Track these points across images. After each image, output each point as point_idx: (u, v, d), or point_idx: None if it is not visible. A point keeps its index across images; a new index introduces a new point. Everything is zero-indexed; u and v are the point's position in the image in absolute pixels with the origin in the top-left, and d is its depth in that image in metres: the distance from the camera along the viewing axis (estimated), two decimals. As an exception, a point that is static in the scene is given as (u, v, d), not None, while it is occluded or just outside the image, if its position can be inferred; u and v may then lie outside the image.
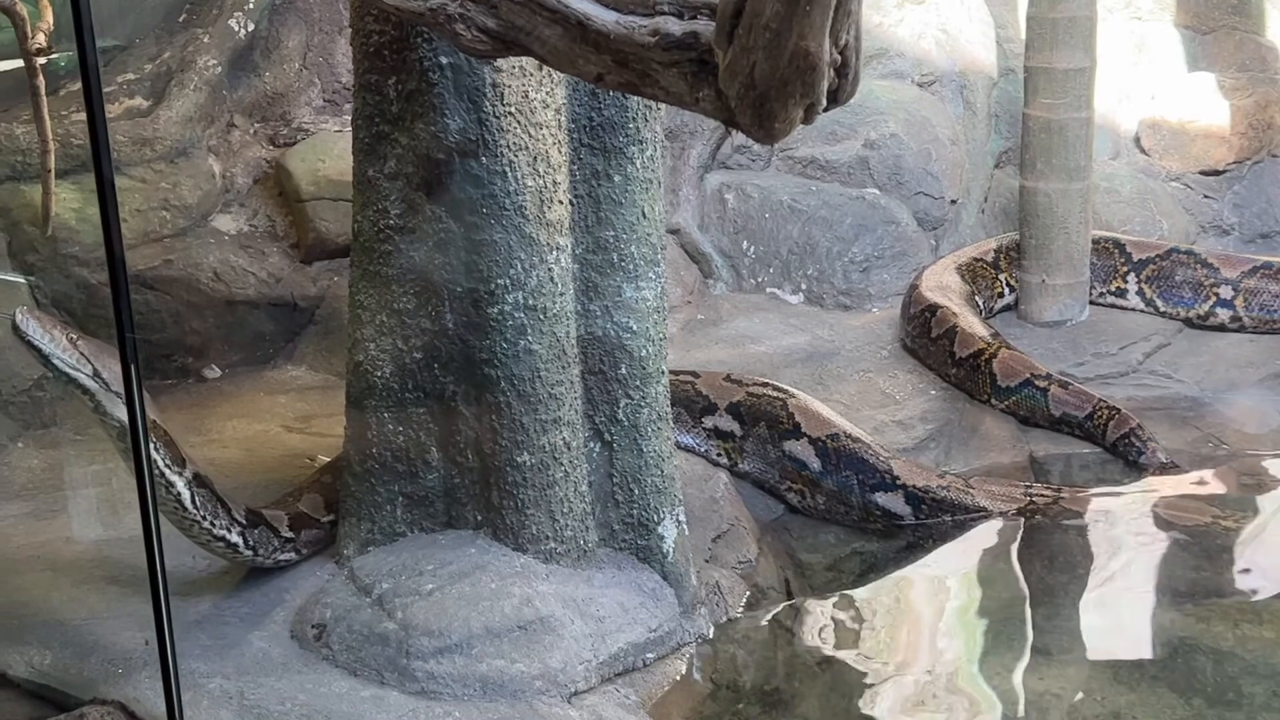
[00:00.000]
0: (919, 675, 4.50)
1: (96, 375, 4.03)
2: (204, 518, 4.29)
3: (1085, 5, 6.84)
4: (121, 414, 4.05)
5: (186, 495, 4.24)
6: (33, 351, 4.01)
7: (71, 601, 4.51)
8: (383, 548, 4.54)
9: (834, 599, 5.01)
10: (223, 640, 4.29)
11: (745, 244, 7.55)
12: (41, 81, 5.14)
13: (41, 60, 5.03)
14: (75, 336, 4.04)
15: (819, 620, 4.86)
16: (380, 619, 4.26)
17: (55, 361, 4.01)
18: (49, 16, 5.02)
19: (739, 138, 7.53)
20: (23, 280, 6.07)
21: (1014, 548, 5.24)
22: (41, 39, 4.99)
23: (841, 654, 4.62)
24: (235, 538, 4.40)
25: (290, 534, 4.59)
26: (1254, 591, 4.93)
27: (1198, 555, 5.17)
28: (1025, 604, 4.92)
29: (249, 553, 4.46)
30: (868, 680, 4.45)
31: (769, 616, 4.83)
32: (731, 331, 7.01)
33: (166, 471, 4.18)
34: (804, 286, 7.46)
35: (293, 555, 4.61)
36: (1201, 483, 5.66)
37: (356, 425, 4.57)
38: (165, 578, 3.48)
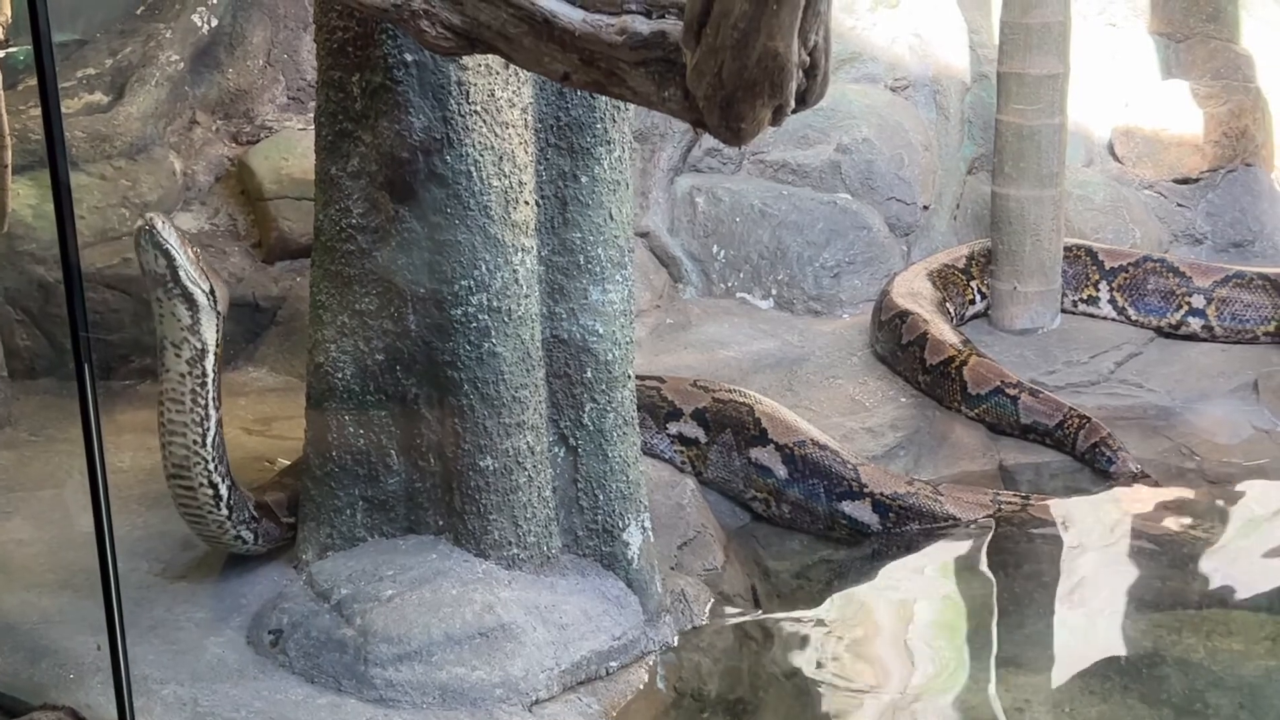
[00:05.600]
0: (886, 685, 4.46)
1: (211, 294, 4.16)
2: (213, 458, 4.30)
3: (1059, 11, 6.83)
4: (210, 338, 4.20)
5: (213, 432, 4.29)
6: (161, 257, 4.07)
7: (23, 605, 4.45)
8: (342, 553, 4.49)
9: (801, 608, 4.97)
10: (176, 646, 4.24)
11: (715, 248, 7.51)
12: (-2, 75, 5.06)
13: (-1, 54, 4.96)
14: (198, 251, 4.15)
15: (785, 629, 4.82)
16: (338, 625, 4.20)
17: (180, 272, 4.10)
18: (7, 9, 4.95)
19: (709, 140, 7.48)
20: None
21: (982, 557, 5.20)
22: (-1, 32, 4.92)
23: (808, 664, 4.58)
24: (224, 489, 4.37)
25: (255, 514, 4.53)
26: (1223, 602, 4.91)
27: (1167, 565, 5.15)
28: (994, 614, 4.89)
29: (225, 511, 4.39)
30: (834, 690, 4.41)
31: (735, 625, 4.79)
32: (701, 336, 6.98)
33: (211, 403, 4.25)
34: (774, 292, 7.42)
35: (251, 537, 4.52)
36: (1173, 494, 5.65)
37: (317, 428, 4.52)
38: (118, 582, 3.43)
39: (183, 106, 6.78)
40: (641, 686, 4.38)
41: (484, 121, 4.17)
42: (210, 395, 4.25)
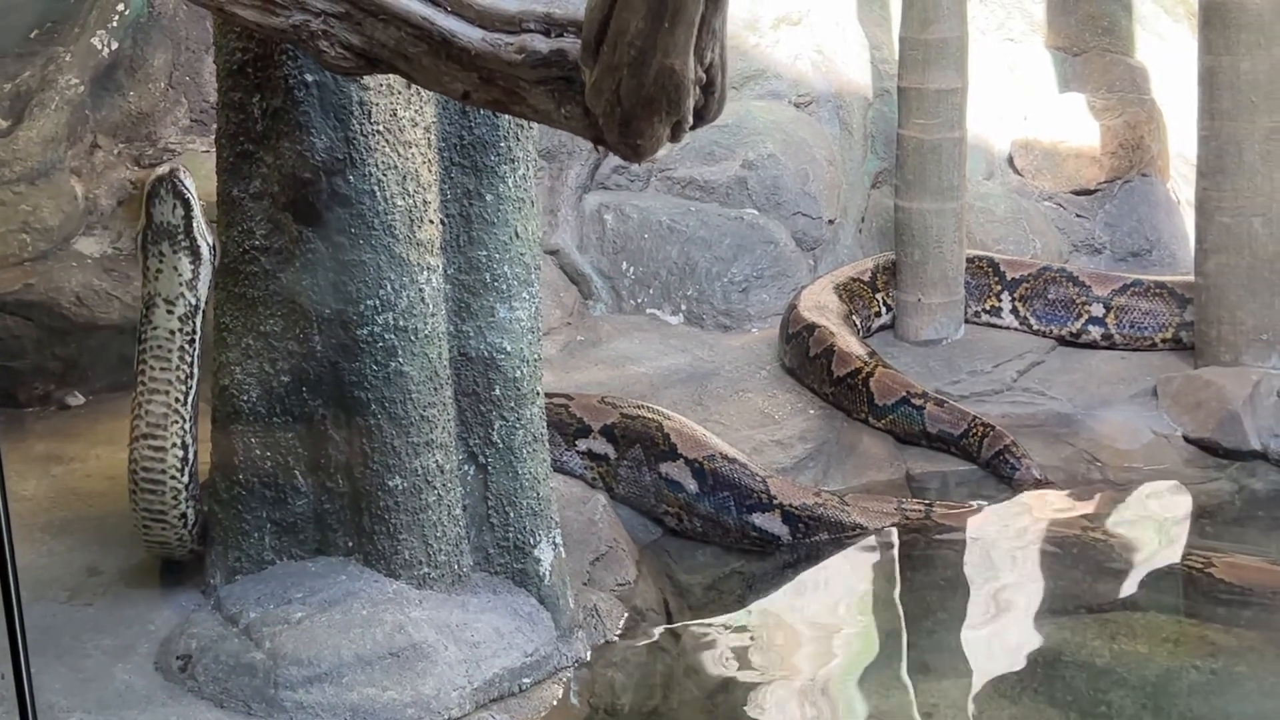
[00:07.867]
0: (800, 696, 4.49)
1: (213, 248, 4.28)
2: (189, 418, 4.37)
3: (956, 27, 6.93)
4: (203, 294, 4.32)
5: (194, 392, 4.38)
6: (180, 207, 4.20)
7: (-76, 636, 4.37)
8: (250, 576, 4.45)
9: (713, 620, 5.00)
10: (83, 673, 4.19)
11: (624, 265, 7.53)
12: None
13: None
14: (203, 205, 4.27)
15: (698, 642, 4.84)
16: (247, 649, 4.17)
17: (194, 221, 4.23)
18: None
19: (616, 158, 7.50)
20: None
21: (890, 564, 5.26)
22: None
23: (722, 676, 4.60)
24: (190, 455, 4.40)
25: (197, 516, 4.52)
26: (1126, 605, 4.99)
27: (1071, 568, 5.23)
28: (902, 620, 4.94)
29: (185, 479, 4.38)
30: (748, 703, 4.43)
31: (648, 639, 4.80)
32: (611, 353, 6.98)
33: (196, 361, 4.35)
34: (683, 307, 7.46)
35: (193, 518, 4.46)
36: (1074, 498, 5.74)
37: (223, 451, 4.48)
38: (21, 610, 3.38)
39: (84, 130, 6.70)
40: (555, 702, 4.39)
41: (386, 141, 4.17)
42: (195, 354, 4.32)
